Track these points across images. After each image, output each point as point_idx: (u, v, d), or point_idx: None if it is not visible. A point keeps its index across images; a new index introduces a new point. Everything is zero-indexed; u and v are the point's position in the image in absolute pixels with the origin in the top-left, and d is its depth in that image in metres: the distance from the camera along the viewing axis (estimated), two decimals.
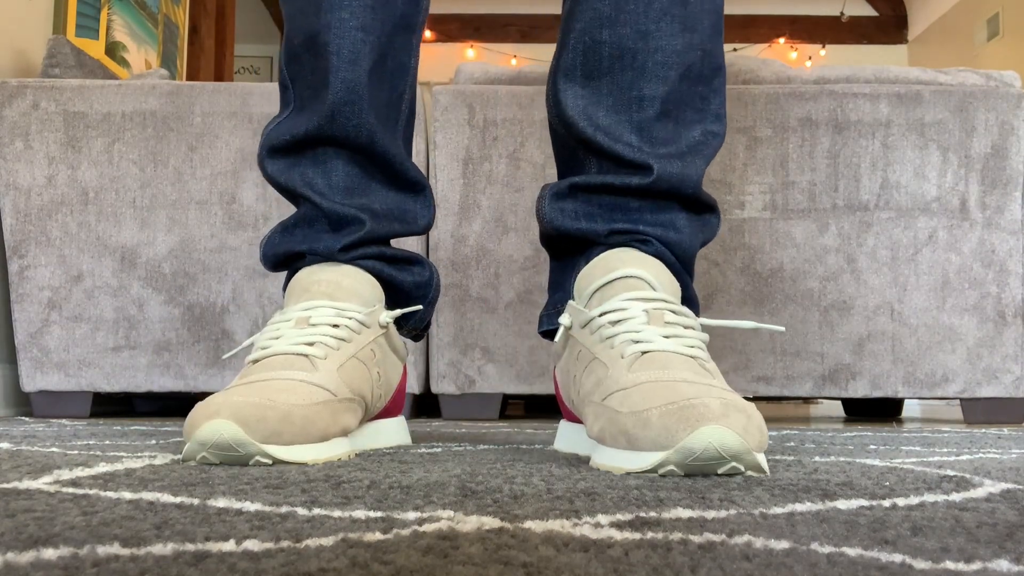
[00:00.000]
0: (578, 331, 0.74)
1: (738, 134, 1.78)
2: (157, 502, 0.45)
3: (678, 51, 0.78)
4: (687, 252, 0.80)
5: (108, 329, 1.75)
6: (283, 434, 0.66)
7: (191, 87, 1.80)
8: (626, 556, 0.33)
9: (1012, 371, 1.77)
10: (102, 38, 2.51)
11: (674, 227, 0.80)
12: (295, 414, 0.67)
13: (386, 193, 0.88)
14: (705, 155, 0.80)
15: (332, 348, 0.76)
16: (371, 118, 0.84)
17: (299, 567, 0.30)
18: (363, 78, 0.83)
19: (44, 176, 1.76)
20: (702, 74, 0.80)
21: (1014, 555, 0.33)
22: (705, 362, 0.68)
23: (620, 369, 0.66)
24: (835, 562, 0.32)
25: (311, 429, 0.68)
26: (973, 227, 1.78)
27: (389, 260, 0.88)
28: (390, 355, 0.85)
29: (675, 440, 0.57)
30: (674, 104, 0.79)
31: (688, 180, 0.79)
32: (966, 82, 1.85)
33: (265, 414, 0.65)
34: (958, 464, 0.71)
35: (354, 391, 0.76)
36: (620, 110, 0.79)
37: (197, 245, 1.77)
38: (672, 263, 0.79)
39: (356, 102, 0.83)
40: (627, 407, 0.62)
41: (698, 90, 0.80)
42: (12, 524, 0.38)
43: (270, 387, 0.69)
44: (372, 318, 0.81)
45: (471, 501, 0.46)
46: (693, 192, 0.80)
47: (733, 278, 1.77)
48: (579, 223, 0.80)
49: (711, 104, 0.81)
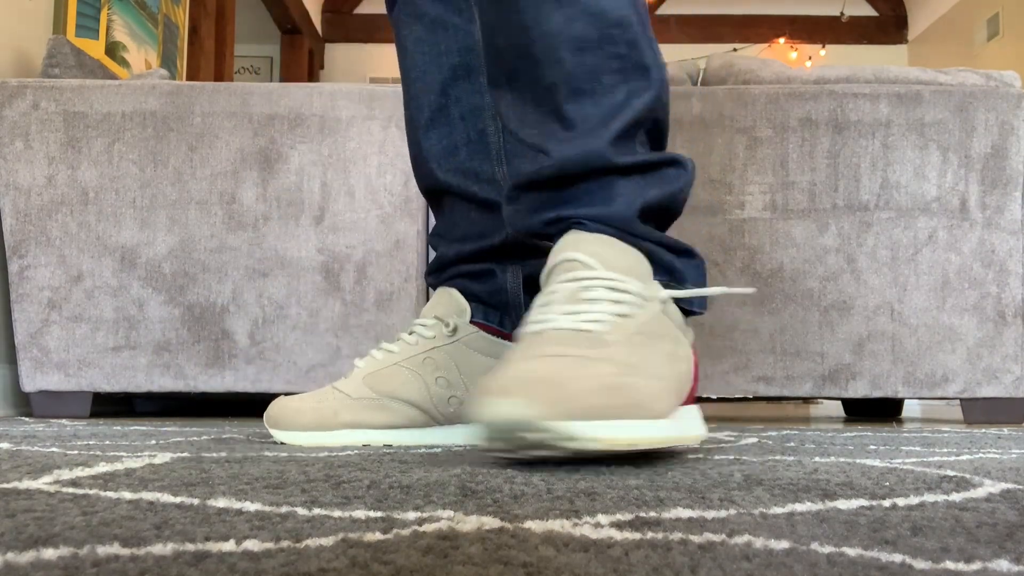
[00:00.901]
0: None
1: (738, 134, 1.78)
2: (157, 502, 0.45)
3: (560, 29, 0.77)
4: (624, 219, 0.78)
5: (108, 329, 1.75)
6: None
7: (191, 87, 1.80)
8: (626, 556, 0.33)
9: (1012, 371, 1.77)
10: (102, 38, 2.51)
11: (605, 200, 0.78)
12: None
13: (467, 216, 1.00)
14: (624, 116, 0.78)
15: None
16: (436, 169, 0.99)
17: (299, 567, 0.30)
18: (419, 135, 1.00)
19: (44, 176, 1.76)
20: (602, 37, 0.78)
21: (1014, 555, 0.33)
22: (605, 333, 0.66)
23: (509, 353, 0.67)
24: (835, 562, 0.32)
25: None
26: (973, 227, 1.78)
27: (466, 276, 0.99)
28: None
29: (478, 417, 0.58)
30: (583, 80, 0.78)
31: (592, 155, 0.77)
32: (966, 82, 1.85)
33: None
34: (958, 464, 0.71)
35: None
36: (540, 104, 0.80)
37: (197, 245, 1.77)
38: (616, 235, 0.77)
39: (418, 155, 1.00)
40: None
41: (605, 53, 0.78)
42: (12, 524, 0.38)
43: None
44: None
45: (471, 501, 0.46)
46: (604, 163, 0.78)
47: (733, 278, 1.77)
48: (525, 220, 0.82)
49: (629, 59, 0.78)
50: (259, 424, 1.40)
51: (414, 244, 1.76)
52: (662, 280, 0.77)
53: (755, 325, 1.76)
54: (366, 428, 0.92)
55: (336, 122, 1.78)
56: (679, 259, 0.81)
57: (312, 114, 1.78)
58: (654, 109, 0.79)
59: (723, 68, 1.88)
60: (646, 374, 0.64)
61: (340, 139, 1.78)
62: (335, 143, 1.78)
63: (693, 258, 0.83)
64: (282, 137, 1.78)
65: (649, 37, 0.80)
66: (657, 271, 0.78)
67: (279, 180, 1.77)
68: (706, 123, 1.79)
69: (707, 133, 1.78)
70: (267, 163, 1.77)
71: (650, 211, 0.80)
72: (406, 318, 1.76)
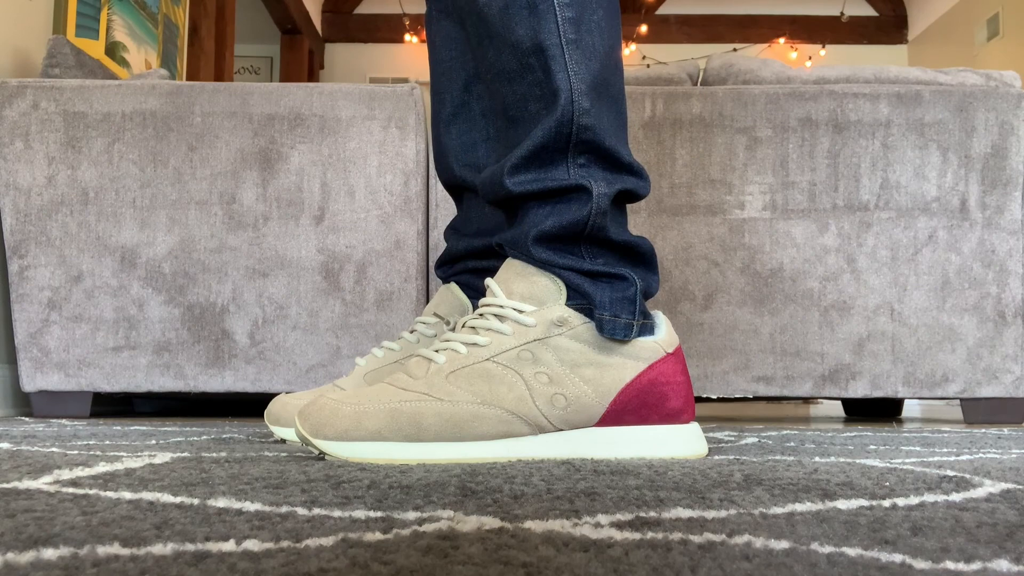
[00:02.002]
0: None
1: (738, 134, 1.78)
2: (157, 502, 0.45)
3: (493, 62, 0.82)
4: (521, 243, 0.80)
5: (108, 329, 1.75)
6: None
7: (191, 87, 1.80)
8: (626, 556, 0.33)
9: (1012, 371, 1.77)
10: (102, 38, 2.51)
11: (513, 225, 0.83)
12: None
13: (481, 212, 1.02)
14: (525, 144, 0.79)
15: None
16: (454, 164, 1.01)
17: (299, 567, 0.30)
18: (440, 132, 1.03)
19: (44, 176, 1.76)
20: (520, 65, 0.79)
21: (1014, 555, 0.33)
22: (431, 361, 0.76)
23: None
24: (835, 562, 0.32)
25: None
26: (973, 227, 1.78)
27: (473, 271, 1.02)
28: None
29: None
30: (515, 108, 0.81)
31: (495, 181, 0.81)
32: (966, 82, 1.85)
33: None
34: (958, 464, 0.71)
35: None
36: (495, 136, 0.92)
37: (197, 245, 1.77)
38: (522, 259, 0.80)
39: (439, 149, 1.03)
40: None
41: (527, 80, 0.79)
42: (12, 524, 0.38)
43: None
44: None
45: (471, 501, 0.46)
46: (503, 192, 0.80)
47: (733, 278, 1.77)
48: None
49: (550, 83, 0.78)
50: (259, 424, 1.40)
51: (414, 244, 1.76)
52: (576, 304, 0.78)
53: (755, 325, 1.76)
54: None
55: (336, 122, 1.78)
56: (594, 283, 0.79)
57: (312, 114, 1.78)
58: (560, 134, 0.78)
59: (723, 68, 1.88)
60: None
61: (340, 139, 1.78)
62: (335, 143, 1.78)
63: (619, 280, 0.80)
64: (282, 137, 1.78)
65: (569, 57, 0.79)
66: (572, 296, 0.79)
67: (279, 180, 1.77)
68: (706, 123, 1.79)
69: (707, 133, 1.78)
70: (267, 163, 1.77)
71: (551, 237, 0.79)
72: (406, 318, 1.76)
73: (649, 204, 1.78)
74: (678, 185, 1.78)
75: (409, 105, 1.79)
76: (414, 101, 1.79)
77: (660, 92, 1.80)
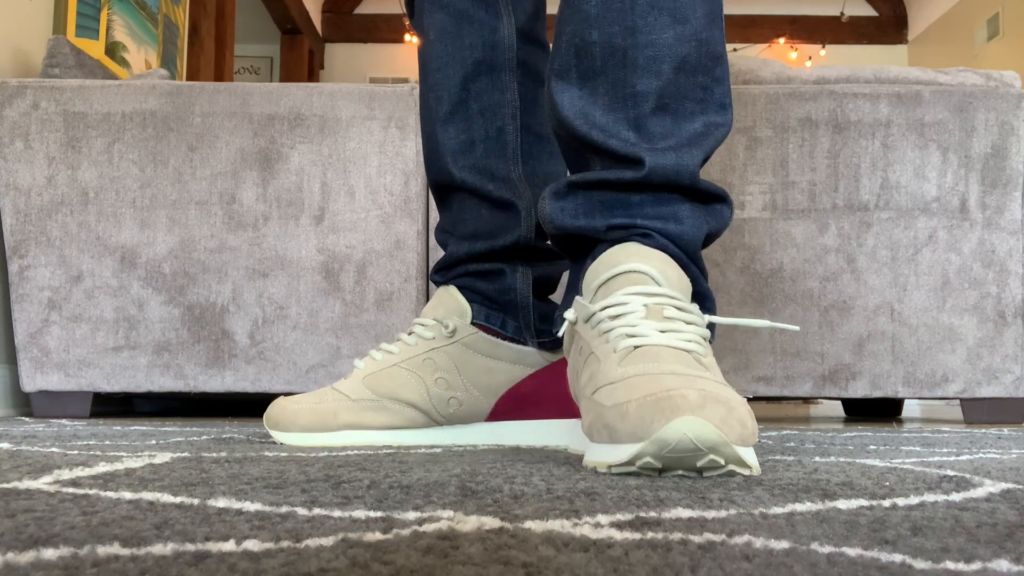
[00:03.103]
0: (582, 326, 0.74)
1: (738, 134, 1.78)
2: (157, 502, 0.45)
3: (669, 44, 0.77)
4: (691, 243, 0.79)
5: (108, 329, 1.75)
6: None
7: (191, 87, 1.80)
8: (626, 556, 0.33)
9: (1012, 371, 1.77)
10: (102, 38, 2.51)
11: (675, 219, 0.78)
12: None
13: (478, 214, 1.00)
14: (705, 146, 0.79)
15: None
16: (451, 164, 0.99)
17: (299, 567, 0.30)
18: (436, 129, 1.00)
19: (44, 176, 1.76)
20: (700, 64, 0.78)
21: (1014, 555, 0.33)
22: (702, 356, 0.66)
23: (611, 364, 0.66)
24: (835, 562, 0.32)
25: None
26: (973, 227, 1.78)
27: (474, 275, 0.99)
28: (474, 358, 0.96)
29: (651, 431, 0.56)
30: (671, 97, 0.78)
31: (684, 171, 0.77)
32: (966, 82, 1.85)
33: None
34: (958, 464, 0.71)
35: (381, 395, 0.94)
36: (616, 108, 0.78)
37: (197, 245, 1.77)
38: (677, 255, 0.77)
39: (434, 149, 1.00)
40: (611, 401, 0.61)
41: (697, 80, 0.78)
42: (12, 524, 0.38)
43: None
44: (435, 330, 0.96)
45: (471, 501, 0.46)
46: (691, 182, 0.78)
47: (733, 278, 1.77)
48: (578, 220, 0.80)
49: (713, 94, 0.79)
50: (259, 424, 1.40)
51: (414, 244, 1.76)
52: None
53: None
54: (366, 429, 0.93)
55: (336, 122, 1.78)
56: (709, 291, 0.81)
57: (312, 114, 1.78)
58: (718, 147, 0.83)
59: None
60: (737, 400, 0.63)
61: (340, 139, 1.78)
62: (335, 143, 1.78)
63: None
64: (282, 137, 1.78)
65: (729, 81, 0.84)
66: (694, 298, 0.78)
67: (279, 180, 1.77)
68: None
69: None
70: (267, 163, 1.77)
71: (707, 240, 0.81)
72: (406, 318, 1.76)
73: None
74: None
75: (409, 105, 1.79)
76: (414, 101, 1.79)
77: None
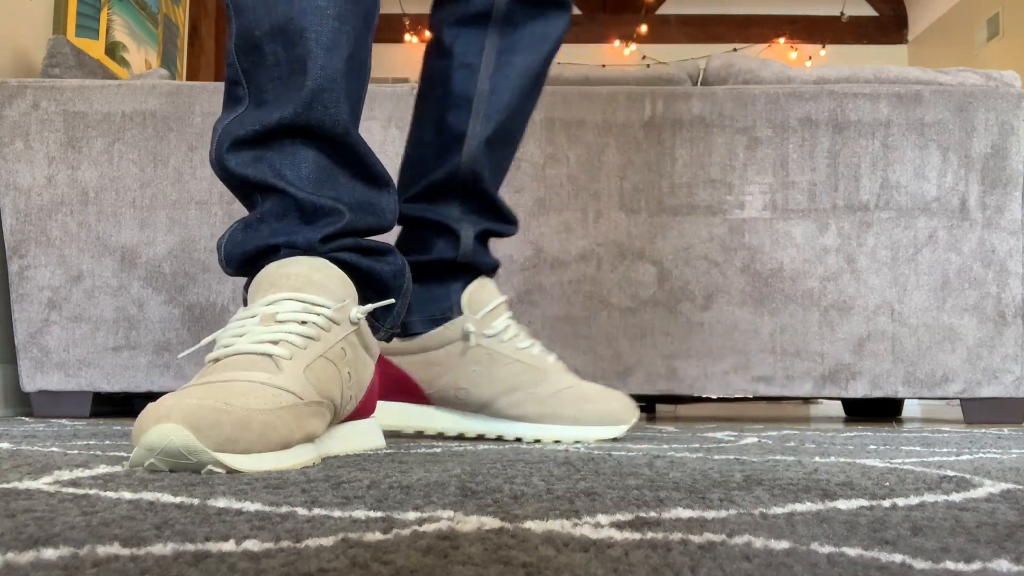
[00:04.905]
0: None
1: (738, 134, 1.78)
2: (157, 502, 0.45)
3: None
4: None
5: (108, 329, 1.75)
6: (239, 441, 0.61)
7: (191, 87, 1.80)
8: (626, 556, 0.33)
9: (1012, 371, 1.77)
10: (102, 38, 2.51)
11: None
12: (254, 419, 0.62)
13: (354, 186, 0.86)
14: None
15: (299, 347, 0.72)
16: (346, 109, 0.83)
17: (299, 567, 0.30)
18: (341, 67, 0.82)
19: (44, 176, 1.76)
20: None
21: (1014, 555, 0.33)
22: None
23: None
24: (835, 562, 0.32)
25: (271, 436, 0.64)
26: (973, 227, 1.78)
27: (365, 252, 0.86)
28: (362, 353, 0.82)
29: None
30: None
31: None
32: (966, 82, 1.85)
33: (220, 418, 0.60)
34: (958, 464, 0.71)
35: (322, 393, 0.73)
36: None
37: (197, 245, 1.77)
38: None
39: (335, 90, 0.81)
40: None
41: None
42: (12, 524, 0.38)
43: (228, 389, 0.64)
44: (342, 314, 0.78)
45: (471, 501, 0.46)
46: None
47: (733, 278, 1.77)
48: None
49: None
50: None
51: None
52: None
53: (755, 325, 1.76)
54: (312, 440, 0.77)
55: None
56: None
57: None
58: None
59: (723, 68, 1.88)
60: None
61: None
62: None
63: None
64: None
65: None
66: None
67: None
68: (706, 123, 1.79)
69: (707, 133, 1.78)
70: None
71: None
72: None
73: (649, 204, 1.78)
74: (678, 185, 1.78)
75: (409, 105, 1.79)
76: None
77: (660, 92, 1.80)
